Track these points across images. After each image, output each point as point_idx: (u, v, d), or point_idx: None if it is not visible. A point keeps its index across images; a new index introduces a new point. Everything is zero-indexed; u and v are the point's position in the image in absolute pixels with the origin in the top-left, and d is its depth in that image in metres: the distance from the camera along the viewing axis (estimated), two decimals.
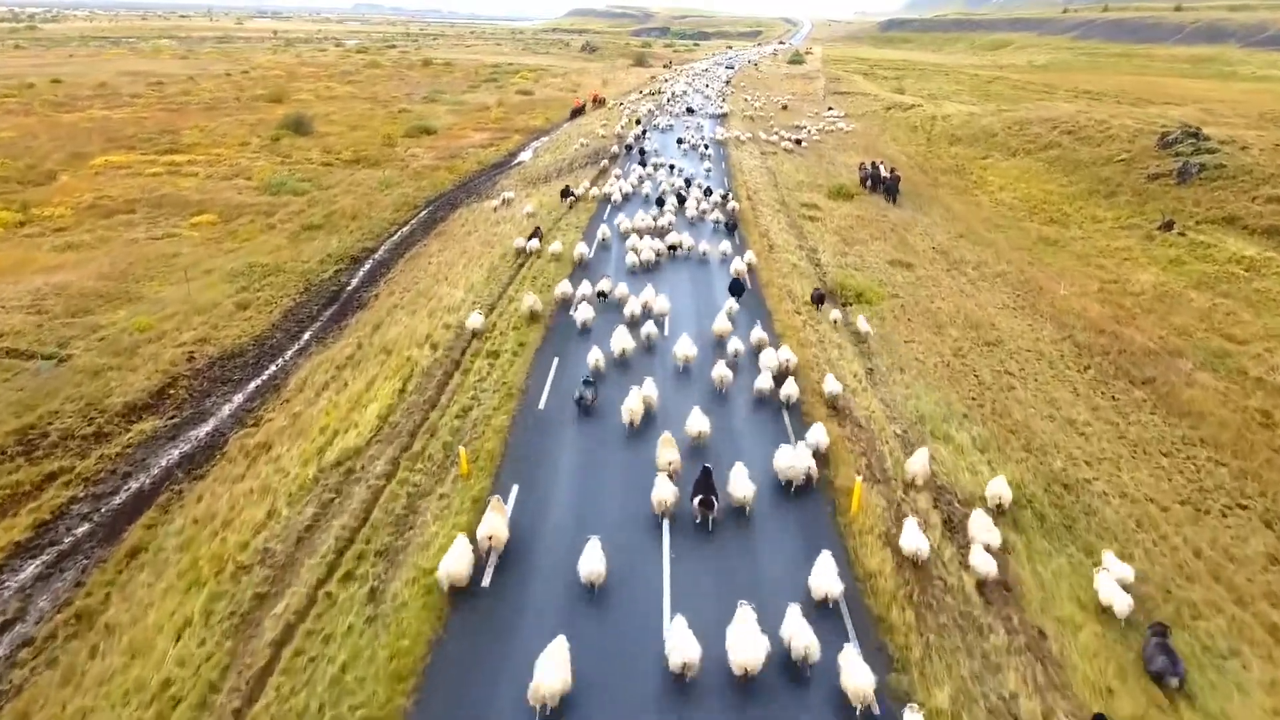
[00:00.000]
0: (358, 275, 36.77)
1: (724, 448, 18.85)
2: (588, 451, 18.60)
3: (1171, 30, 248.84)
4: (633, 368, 23.27)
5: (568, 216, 42.01)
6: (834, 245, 39.81)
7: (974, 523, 16.43)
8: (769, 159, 60.78)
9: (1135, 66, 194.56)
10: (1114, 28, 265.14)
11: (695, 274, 34.48)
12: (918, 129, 73.85)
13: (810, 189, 52.34)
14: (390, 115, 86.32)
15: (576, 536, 14.88)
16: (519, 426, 19.33)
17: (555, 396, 20.96)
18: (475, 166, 61.82)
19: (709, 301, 29.89)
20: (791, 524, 16.45)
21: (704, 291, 31.54)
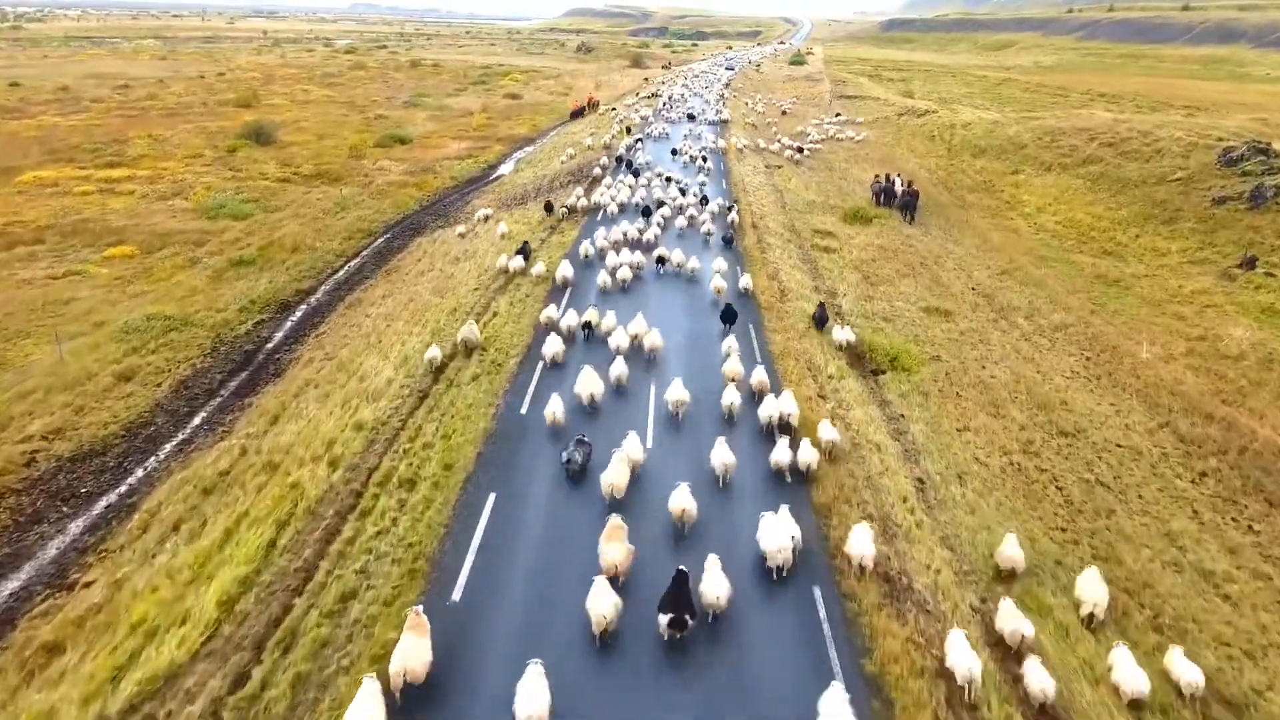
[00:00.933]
0: (284, 328, 30.24)
1: (716, 534, 14.96)
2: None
3: (1180, 30, 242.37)
4: (607, 417, 19.27)
5: (552, 233, 35.77)
6: (856, 286, 33.36)
7: None
8: (774, 174, 54.29)
9: (1144, 68, 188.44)
10: (1120, 28, 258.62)
11: (687, 296, 29.53)
12: (936, 138, 67.32)
13: (823, 211, 45.88)
14: (364, 122, 79.77)
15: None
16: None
17: (484, 576, 13.98)
18: (448, 183, 55.29)
19: (704, 330, 25.91)
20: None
21: (698, 319, 27.14)
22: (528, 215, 40.31)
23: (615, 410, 20.06)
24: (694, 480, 15.87)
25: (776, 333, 25.73)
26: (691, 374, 21.57)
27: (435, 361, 21.83)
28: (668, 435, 19.11)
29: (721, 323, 25.66)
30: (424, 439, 18.07)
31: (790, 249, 37.15)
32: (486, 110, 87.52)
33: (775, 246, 36.36)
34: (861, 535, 14.82)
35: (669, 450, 18.29)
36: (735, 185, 48.95)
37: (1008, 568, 15.71)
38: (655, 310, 26.19)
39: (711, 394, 20.51)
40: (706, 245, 35.63)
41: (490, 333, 24.40)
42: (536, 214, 39.77)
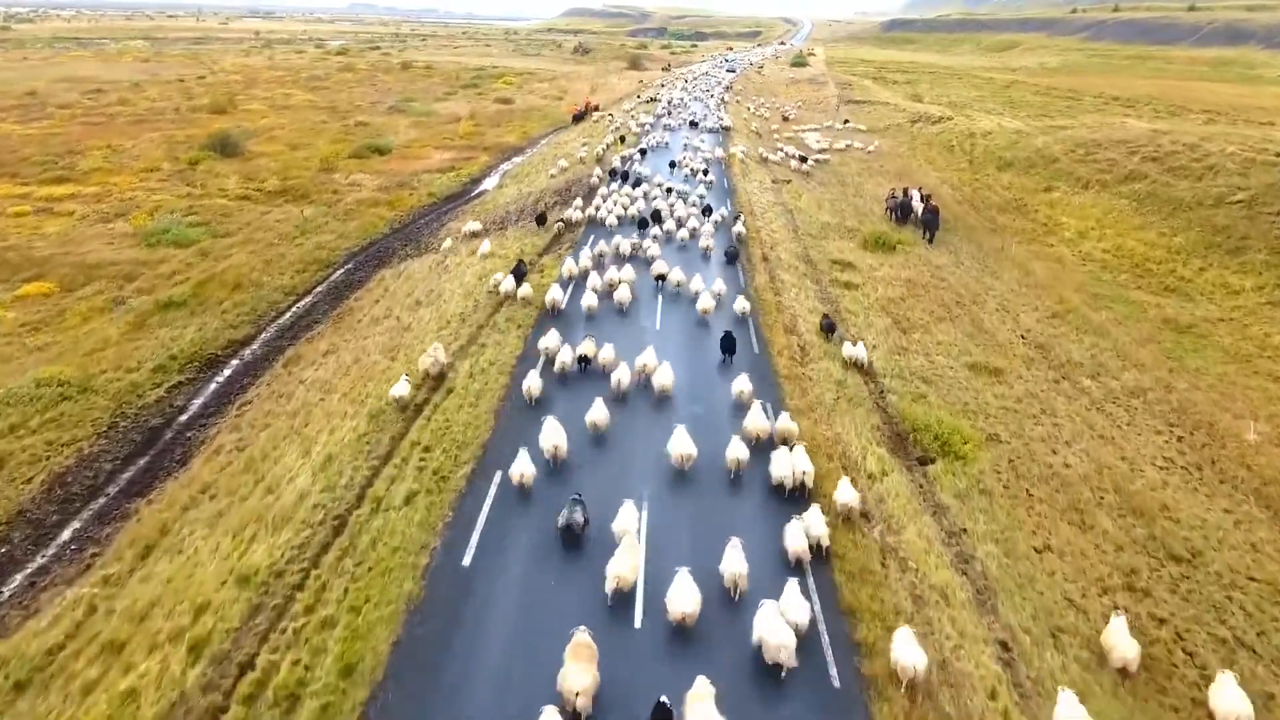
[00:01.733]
0: (205, 393, 25.07)
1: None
2: None
3: (1187, 31, 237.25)
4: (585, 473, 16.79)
5: (543, 253, 30.68)
6: (887, 334, 28.23)
7: None
8: (783, 191, 49.14)
9: (1152, 69, 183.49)
10: (1126, 28, 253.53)
11: (688, 322, 26.51)
12: (955, 149, 62.16)
13: (839, 235, 40.75)
14: (343, 130, 74.55)
15: None
16: None
17: None
18: (424, 200, 50.10)
19: (705, 363, 23.57)
20: None
21: (700, 348, 24.61)
22: (505, 245, 35.07)
23: (595, 465, 17.49)
24: (694, 567, 13.39)
25: (801, 413, 20.56)
26: (694, 417, 19.50)
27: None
28: (667, 501, 16.56)
29: (721, 353, 23.47)
30: (324, 611, 12.89)
31: (807, 286, 31.97)
32: (474, 117, 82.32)
33: (790, 285, 31.18)
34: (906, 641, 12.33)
35: (669, 521, 15.81)
36: (741, 205, 43.80)
37: None
38: (649, 338, 24.26)
39: (710, 436, 18.30)
40: (706, 260, 33.51)
41: (443, 420, 19.27)
42: (516, 245, 34.55)
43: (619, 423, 19.14)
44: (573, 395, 20.54)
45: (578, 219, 38.90)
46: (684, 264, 30.72)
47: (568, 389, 21.16)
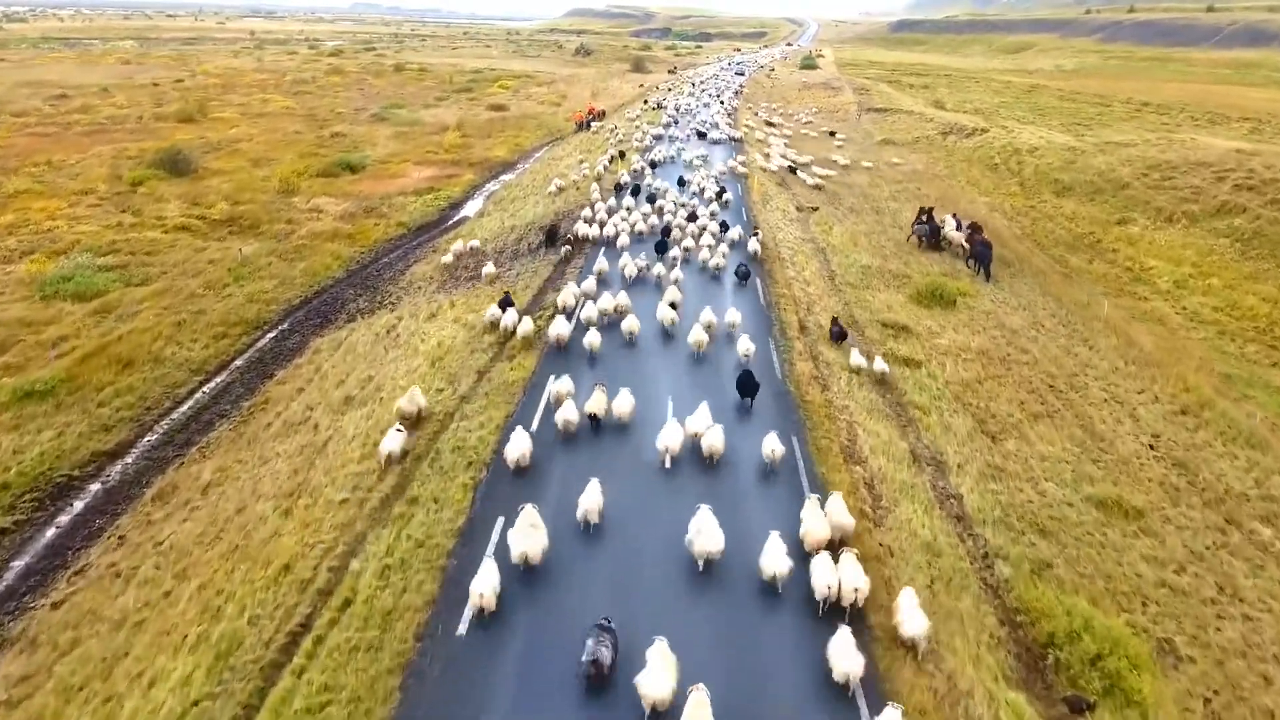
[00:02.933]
0: (29, 552, 17.76)
1: None
2: None
3: (1208, 32, 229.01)
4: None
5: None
6: (970, 441, 20.90)
7: None
8: (811, 222, 41.75)
9: (1173, 72, 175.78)
10: (1143, 30, 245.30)
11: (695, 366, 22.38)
12: (1000, 168, 54.70)
13: (884, 283, 33.34)
14: (317, 142, 67.28)
15: None
16: None
17: None
18: (392, 231, 42.76)
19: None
20: None
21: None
22: (477, 303, 27.67)
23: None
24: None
25: (885, 648, 13.22)
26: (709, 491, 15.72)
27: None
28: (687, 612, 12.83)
29: (739, 395, 20.33)
30: None
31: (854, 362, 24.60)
32: (461, 127, 74.85)
33: (837, 371, 23.76)
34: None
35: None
36: (766, 244, 36.46)
37: None
38: (655, 381, 21.20)
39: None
40: (718, 281, 30.45)
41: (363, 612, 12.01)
42: (490, 304, 27.19)
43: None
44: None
45: (594, 236, 34.80)
46: (701, 288, 28.37)
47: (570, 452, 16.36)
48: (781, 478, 17.51)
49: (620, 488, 15.89)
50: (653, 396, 20.19)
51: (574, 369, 21.29)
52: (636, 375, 21.29)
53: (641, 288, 28.68)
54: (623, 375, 20.88)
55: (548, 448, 17.71)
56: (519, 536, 13.53)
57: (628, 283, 28.54)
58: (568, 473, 16.70)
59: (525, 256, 33.75)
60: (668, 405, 19.71)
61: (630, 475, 16.81)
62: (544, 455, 17.36)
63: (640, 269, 29.41)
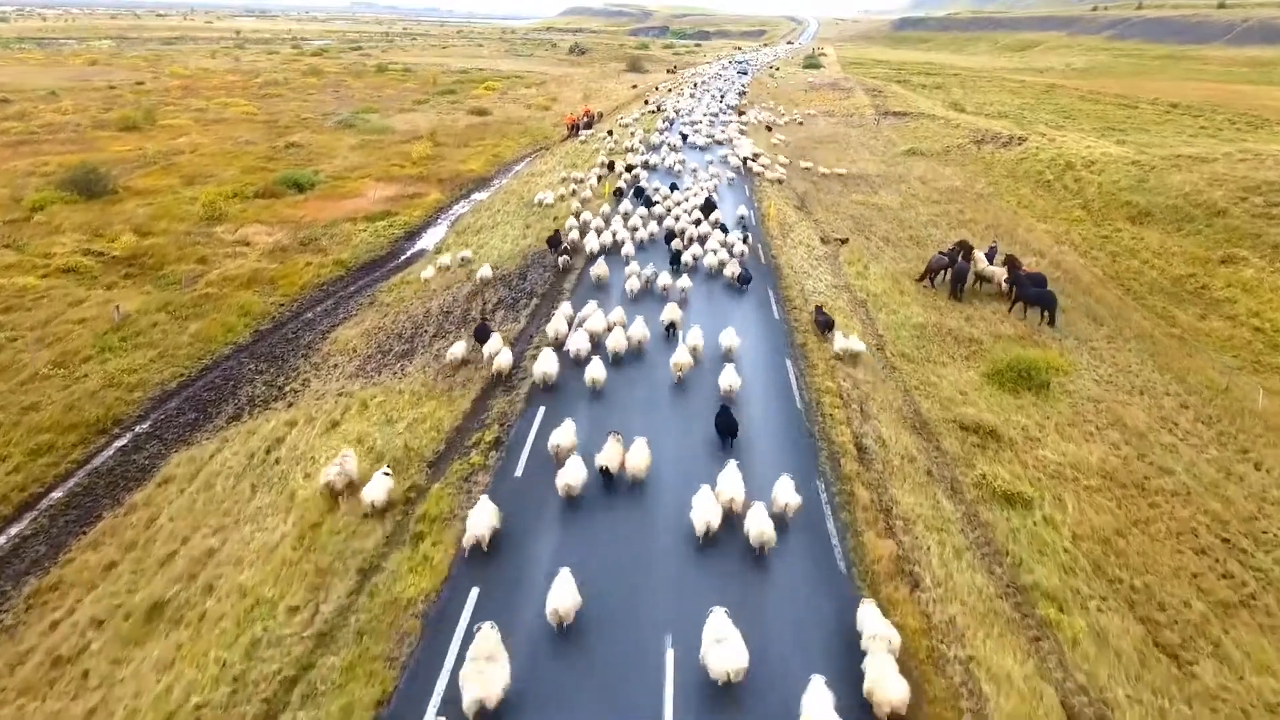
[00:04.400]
0: None
1: None
2: None
3: (1220, 30, 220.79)
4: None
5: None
6: (1143, 677, 12.88)
7: None
8: (841, 262, 33.60)
9: (1188, 71, 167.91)
10: (1153, 27, 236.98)
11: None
12: (1053, 185, 46.54)
13: (946, 349, 25.25)
14: (269, 153, 59.00)
15: None
16: None
17: None
18: (326, 272, 34.51)
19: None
20: None
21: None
22: (395, 408, 19.49)
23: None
24: None
25: None
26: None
27: None
28: None
29: (719, 436, 17.05)
30: None
31: (944, 515, 16.49)
32: (434, 135, 66.42)
33: (898, 480, 15.75)
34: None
35: None
36: (787, 287, 28.30)
37: None
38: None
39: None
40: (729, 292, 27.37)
41: None
42: (411, 411, 19.01)
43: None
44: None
45: (595, 248, 30.90)
46: (708, 302, 25.71)
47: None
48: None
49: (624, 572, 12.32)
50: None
51: (573, 408, 17.89)
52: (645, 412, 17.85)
53: (647, 301, 25.42)
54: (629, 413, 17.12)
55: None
56: (472, 676, 10.11)
57: (630, 297, 25.63)
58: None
59: (460, 323, 25.52)
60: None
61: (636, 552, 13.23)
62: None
63: (648, 279, 26.59)
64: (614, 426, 16.67)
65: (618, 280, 27.34)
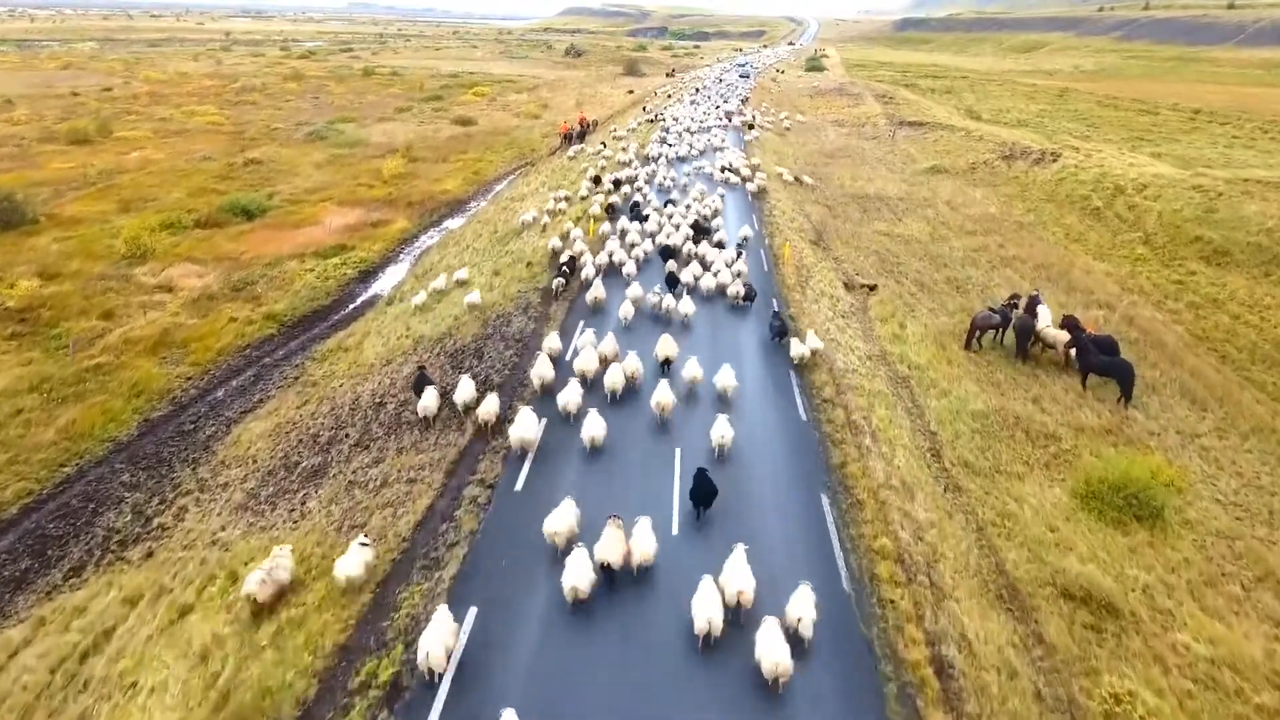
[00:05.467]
0: None
1: None
2: None
3: (1230, 31, 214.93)
4: None
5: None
6: None
7: None
8: (873, 318, 27.79)
9: (1201, 74, 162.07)
10: (1161, 28, 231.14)
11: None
12: (1103, 213, 40.71)
13: (1019, 453, 19.39)
14: (223, 171, 53.15)
15: None
16: None
17: None
18: (254, 330, 28.55)
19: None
20: None
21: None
22: (301, 539, 13.67)
23: None
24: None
25: None
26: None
27: None
28: None
29: (693, 504, 14.83)
30: None
31: None
32: (411, 149, 60.46)
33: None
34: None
35: None
36: (814, 367, 22.50)
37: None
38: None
39: None
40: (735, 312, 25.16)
41: None
42: (318, 525, 13.25)
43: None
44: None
45: (588, 272, 27.94)
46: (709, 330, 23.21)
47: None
48: None
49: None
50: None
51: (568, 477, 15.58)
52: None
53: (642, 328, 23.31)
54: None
55: None
56: None
57: (624, 324, 23.47)
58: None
59: (424, 427, 19.70)
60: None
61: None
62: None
63: (652, 303, 24.97)
64: (613, 488, 14.75)
65: (617, 303, 25.08)
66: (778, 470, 17.08)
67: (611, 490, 15.69)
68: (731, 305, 26.06)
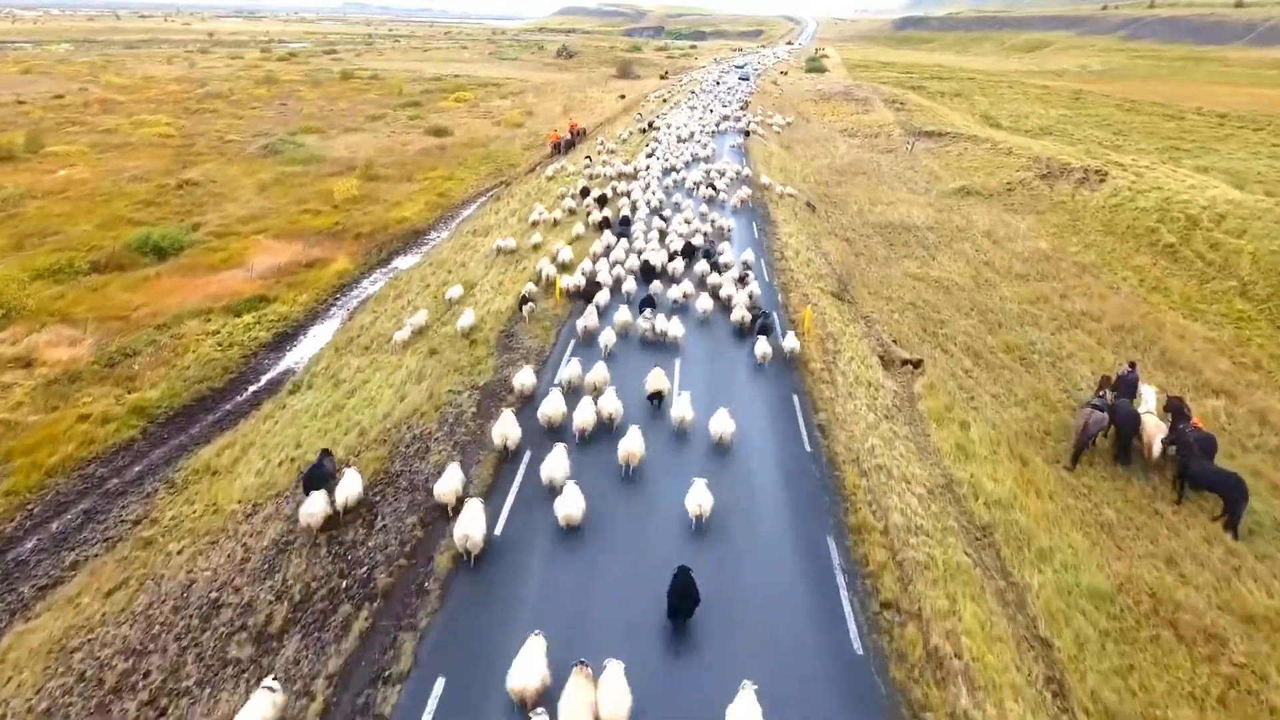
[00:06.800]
0: None
1: None
2: None
3: (1240, 30, 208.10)
4: None
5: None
6: None
7: None
8: (917, 398, 20.98)
9: (1210, 74, 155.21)
10: (1167, 27, 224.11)
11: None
12: (1180, 252, 33.81)
13: (1160, 665, 12.66)
14: (151, 194, 46.05)
15: None
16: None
17: None
18: (109, 436, 21.33)
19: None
20: None
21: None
22: None
23: None
24: None
25: None
26: None
27: None
28: None
29: (669, 613, 12.12)
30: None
31: None
32: (370, 167, 53.21)
33: None
34: None
35: None
36: (854, 507, 15.64)
37: None
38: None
39: None
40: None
41: None
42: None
43: None
44: None
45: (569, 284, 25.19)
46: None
47: None
48: None
49: None
50: None
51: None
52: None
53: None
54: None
55: None
56: None
57: (605, 353, 20.62)
58: None
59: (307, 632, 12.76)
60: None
61: None
62: None
63: (643, 330, 22.26)
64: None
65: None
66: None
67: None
68: (739, 331, 23.17)
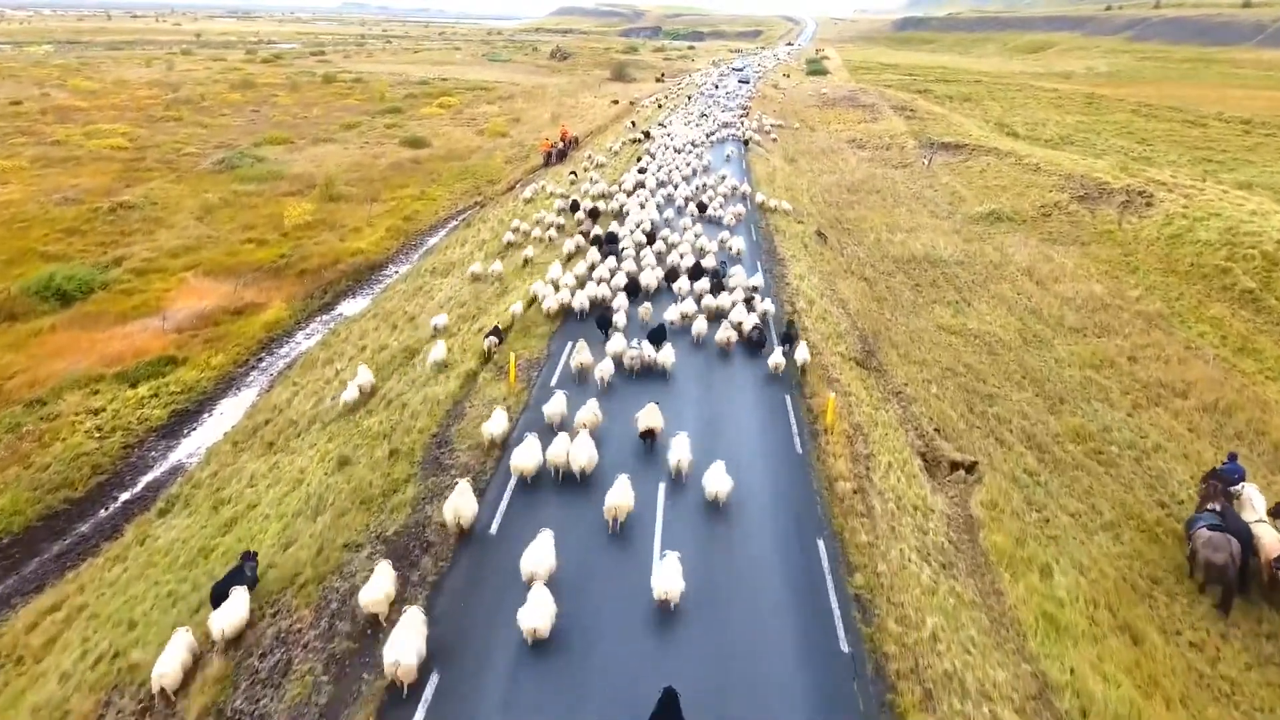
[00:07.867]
0: None
1: None
2: None
3: (1249, 30, 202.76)
4: None
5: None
6: None
7: None
8: (986, 545, 15.66)
9: (1221, 76, 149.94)
10: (1174, 27, 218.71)
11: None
12: (1263, 300, 28.56)
13: None
14: (83, 218, 40.61)
15: None
16: None
17: None
18: None
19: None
20: None
21: None
22: None
23: None
24: None
25: None
26: None
27: None
28: None
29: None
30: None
31: None
32: (330, 186, 47.41)
33: None
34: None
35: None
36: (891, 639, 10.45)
37: None
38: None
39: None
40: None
41: None
42: None
43: None
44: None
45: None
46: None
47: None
48: None
49: None
50: None
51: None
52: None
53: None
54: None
55: None
56: None
57: (601, 389, 18.69)
58: None
59: None
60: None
61: None
62: None
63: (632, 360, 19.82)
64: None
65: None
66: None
67: None
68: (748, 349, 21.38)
